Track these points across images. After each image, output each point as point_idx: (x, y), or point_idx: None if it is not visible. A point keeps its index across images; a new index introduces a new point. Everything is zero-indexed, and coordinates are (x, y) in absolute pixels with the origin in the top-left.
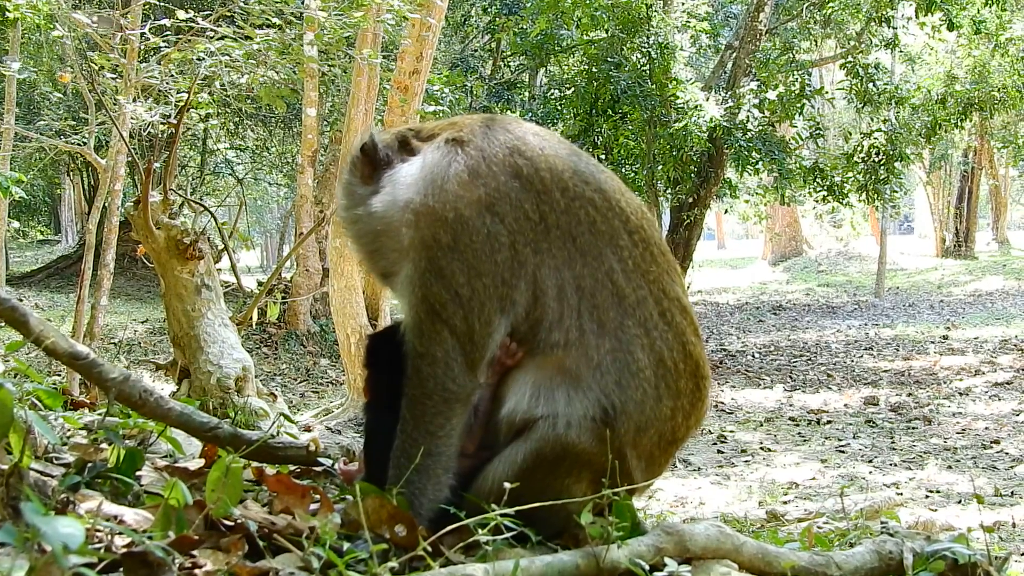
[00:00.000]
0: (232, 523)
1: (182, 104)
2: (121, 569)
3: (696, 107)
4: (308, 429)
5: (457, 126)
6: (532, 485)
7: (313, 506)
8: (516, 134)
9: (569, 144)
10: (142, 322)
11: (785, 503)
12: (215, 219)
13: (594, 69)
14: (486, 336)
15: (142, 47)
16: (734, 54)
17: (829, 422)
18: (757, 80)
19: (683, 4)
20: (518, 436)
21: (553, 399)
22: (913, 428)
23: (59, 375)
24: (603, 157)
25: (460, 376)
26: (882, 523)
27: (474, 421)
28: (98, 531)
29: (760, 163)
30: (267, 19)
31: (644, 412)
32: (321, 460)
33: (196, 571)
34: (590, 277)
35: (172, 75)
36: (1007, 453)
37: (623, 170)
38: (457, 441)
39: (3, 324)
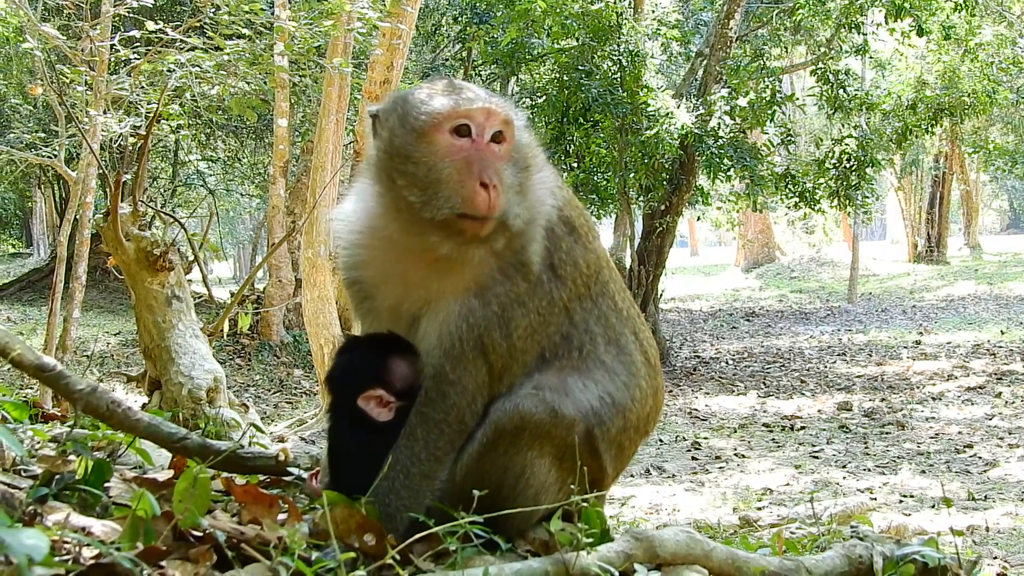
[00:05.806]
0: (200, 534)
1: (151, 115)
2: None
3: (667, 114)
4: (282, 440)
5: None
6: (495, 461)
7: (281, 516)
8: (564, 186)
9: None
10: (115, 334)
11: (759, 509)
12: (185, 230)
13: (565, 77)
14: (512, 376)
15: (112, 59)
16: (705, 61)
17: (803, 428)
18: (728, 87)
19: (653, 12)
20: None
21: (566, 389)
22: (886, 433)
23: (31, 387)
24: (575, 165)
25: (479, 410)
26: (852, 527)
27: None
28: (66, 543)
29: (732, 170)
30: (237, 30)
31: (635, 408)
32: (291, 470)
33: None
34: (604, 304)
35: (142, 87)
36: (980, 457)
37: (595, 178)
38: (448, 467)
39: None
